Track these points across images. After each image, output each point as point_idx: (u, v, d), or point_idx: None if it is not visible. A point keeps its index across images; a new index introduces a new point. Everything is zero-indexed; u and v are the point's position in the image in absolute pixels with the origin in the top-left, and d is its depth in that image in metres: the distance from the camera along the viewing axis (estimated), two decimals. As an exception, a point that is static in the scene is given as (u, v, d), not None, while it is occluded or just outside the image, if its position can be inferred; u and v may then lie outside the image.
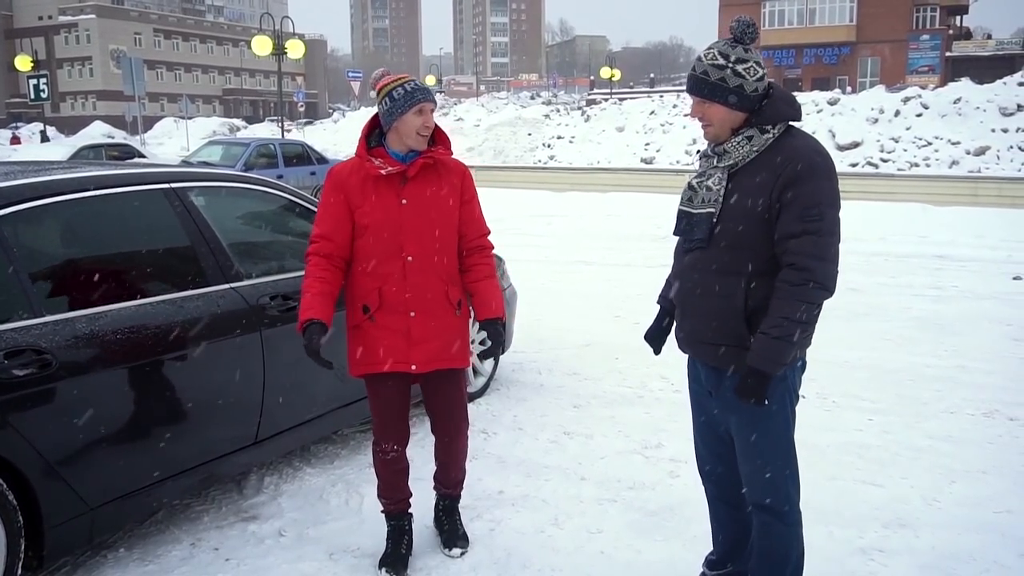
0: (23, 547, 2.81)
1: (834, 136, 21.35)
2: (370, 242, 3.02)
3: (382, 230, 3.00)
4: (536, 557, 3.33)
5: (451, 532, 3.41)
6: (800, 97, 25.50)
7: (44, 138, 35.55)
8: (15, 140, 37.61)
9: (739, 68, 2.43)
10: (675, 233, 2.65)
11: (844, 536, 3.48)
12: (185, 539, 3.49)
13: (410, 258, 3.00)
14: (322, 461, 4.28)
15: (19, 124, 60.68)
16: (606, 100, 33.08)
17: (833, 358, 6.03)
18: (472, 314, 3.24)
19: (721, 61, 2.44)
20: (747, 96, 2.44)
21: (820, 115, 22.27)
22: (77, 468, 2.93)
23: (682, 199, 2.62)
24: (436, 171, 3.07)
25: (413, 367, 3.07)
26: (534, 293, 8.05)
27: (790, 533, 2.63)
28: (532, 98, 64.71)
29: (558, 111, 30.90)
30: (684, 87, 2.68)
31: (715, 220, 2.48)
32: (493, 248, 3.26)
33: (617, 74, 56.12)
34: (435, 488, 3.47)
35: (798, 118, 2.49)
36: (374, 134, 3.12)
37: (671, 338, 2.87)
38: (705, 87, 2.46)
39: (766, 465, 2.57)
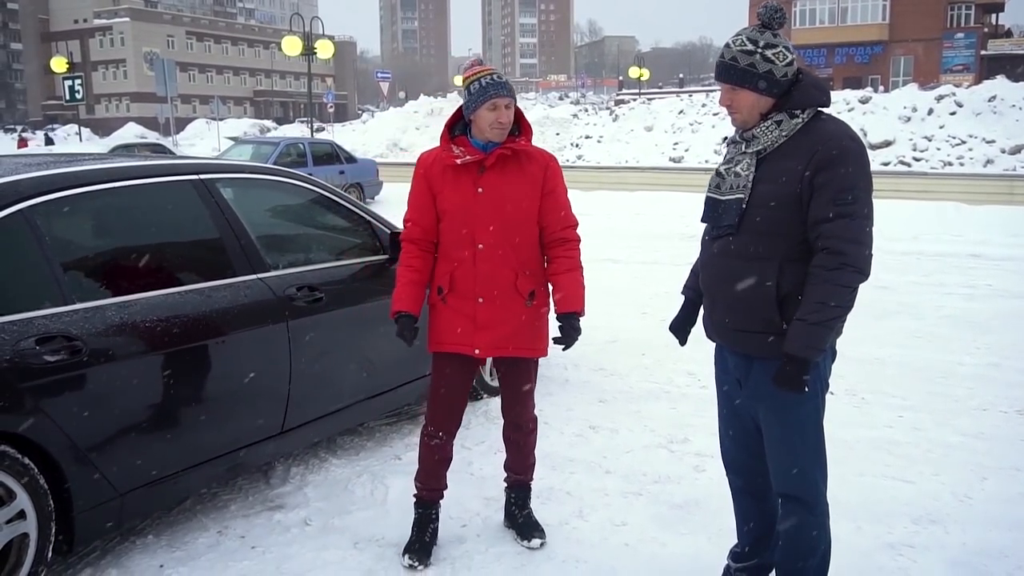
0: (54, 531, 2.86)
1: (866, 135, 21.10)
2: (447, 227, 3.10)
3: (456, 217, 3.07)
4: (560, 549, 3.33)
5: (526, 523, 3.41)
6: (831, 96, 25.35)
7: (77, 139, 36.12)
8: (22, 143, 38.30)
9: (768, 53, 2.41)
10: (703, 220, 2.63)
11: (873, 531, 3.44)
12: (212, 527, 3.52)
13: (480, 246, 3.06)
14: (348, 453, 4.30)
15: (55, 126, 61.69)
16: (634, 100, 32.97)
17: (863, 355, 5.97)
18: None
19: (750, 47, 2.42)
20: (777, 81, 2.42)
21: (851, 114, 22.02)
22: (106, 454, 2.97)
23: (709, 186, 2.60)
24: (517, 161, 3.10)
25: (476, 351, 3.12)
26: (561, 290, 8.04)
27: (817, 524, 2.60)
28: (560, 99, 64.66)
29: (586, 111, 30.82)
30: (713, 87, 2.65)
31: (744, 206, 2.45)
32: (579, 240, 3.25)
33: (646, 74, 55.84)
34: (505, 479, 3.48)
35: (827, 104, 2.46)
36: (459, 123, 3.18)
37: (696, 329, 2.86)
38: (735, 73, 2.44)
39: (795, 455, 2.55)
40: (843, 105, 22.49)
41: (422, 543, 3.29)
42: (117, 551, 3.32)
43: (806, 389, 2.38)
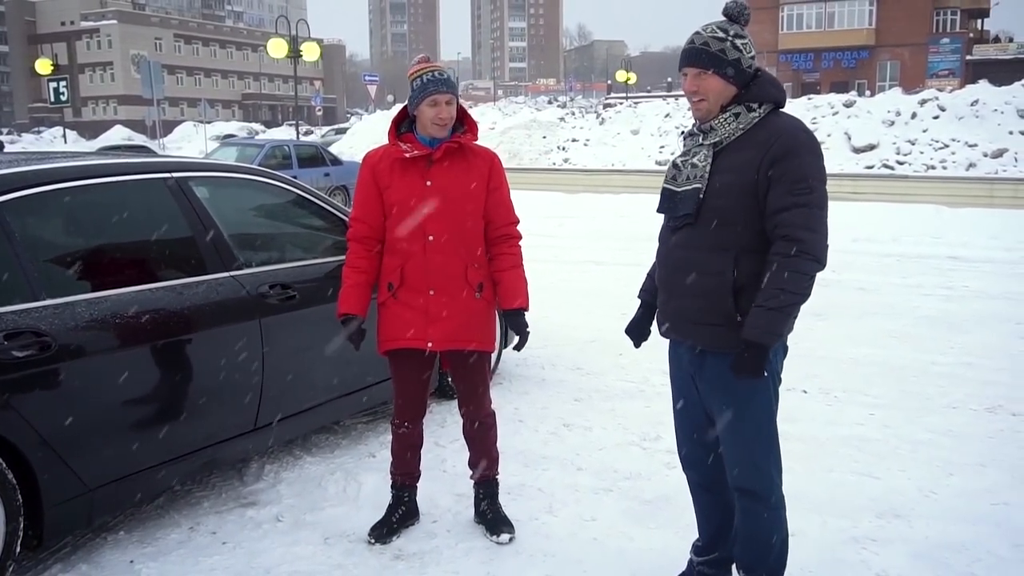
0: (22, 525, 2.87)
1: (850, 139, 21.26)
2: (395, 222, 3.15)
3: (405, 210, 3.12)
4: (528, 543, 3.36)
5: (494, 518, 3.45)
6: (816, 100, 25.39)
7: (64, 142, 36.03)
8: None
9: (738, 42, 2.49)
10: (659, 211, 2.67)
11: (837, 526, 3.49)
12: (184, 523, 3.54)
13: (431, 237, 3.11)
14: (322, 450, 4.32)
15: (41, 128, 61.39)
16: (621, 103, 33.09)
17: (839, 355, 6.04)
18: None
19: (721, 35, 2.49)
20: (743, 71, 2.49)
21: (836, 117, 22.18)
22: (76, 449, 2.99)
23: (666, 177, 2.65)
24: (463, 156, 3.16)
25: (429, 344, 3.17)
26: (543, 292, 8.03)
27: (773, 517, 2.64)
28: (549, 102, 64.77)
29: (573, 114, 30.91)
30: None
31: (701, 196, 2.50)
32: (521, 237, 3.31)
33: (633, 78, 56.06)
34: (471, 476, 3.52)
35: (783, 102, 2.53)
36: (406, 121, 3.23)
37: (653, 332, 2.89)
38: (705, 57, 2.49)
39: (749, 449, 2.59)
40: (828, 109, 22.65)
41: (387, 522, 3.40)
42: (88, 547, 3.33)
43: (765, 374, 2.42)
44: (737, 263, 2.46)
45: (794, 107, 26.00)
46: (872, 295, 8.26)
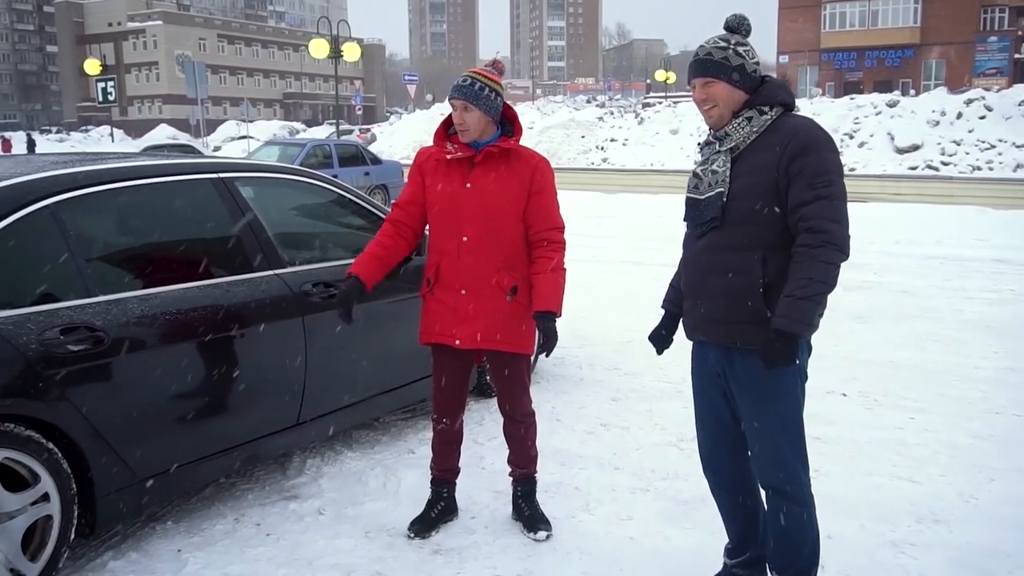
0: (76, 514, 2.97)
1: (893, 139, 20.99)
2: (436, 220, 3.25)
3: (444, 210, 3.21)
4: (565, 541, 3.40)
5: (532, 516, 3.49)
6: (858, 99, 25.12)
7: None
8: (6, 146, 39.37)
9: (740, 50, 2.59)
10: (685, 220, 2.72)
11: (876, 529, 3.48)
12: (229, 514, 3.63)
13: (465, 238, 3.17)
14: (363, 446, 4.40)
15: (88, 127, 62.76)
16: (660, 103, 32.92)
17: (878, 358, 5.99)
18: None
19: (723, 44, 2.59)
20: (748, 75, 2.57)
21: (879, 117, 21.91)
22: (127, 441, 3.08)
23: (688, 187, 2.71)
24: (507, 159, 3.21)
25: (457, 342, 3.24)
26: (580, 292, 8.07)
27: (804, 515, 2.66)
28: (588, 102, 64.65)
29: (612, 114, 30.85)
30: None
31: (724, 199, 2.55)
32: (563, 242, 3.33)
33: (672, 77, 55.75)
34: (510, 474, 3.57)
35: (793, 105, 2.60)
36: None
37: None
38: (709, 65, 2.58)
39: (778, 446, 2.61)
40: (871, 109, 22.38)
41: (426, 518, 3.47)
42: (137, 536, 3.43)
43: (796, 362, 2.45)
44: (764, 261, 2.51)
45: (836, 107, 25.71)
46: (914, 298, 8.16)
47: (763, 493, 2.72)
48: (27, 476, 2.84)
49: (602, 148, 27.67)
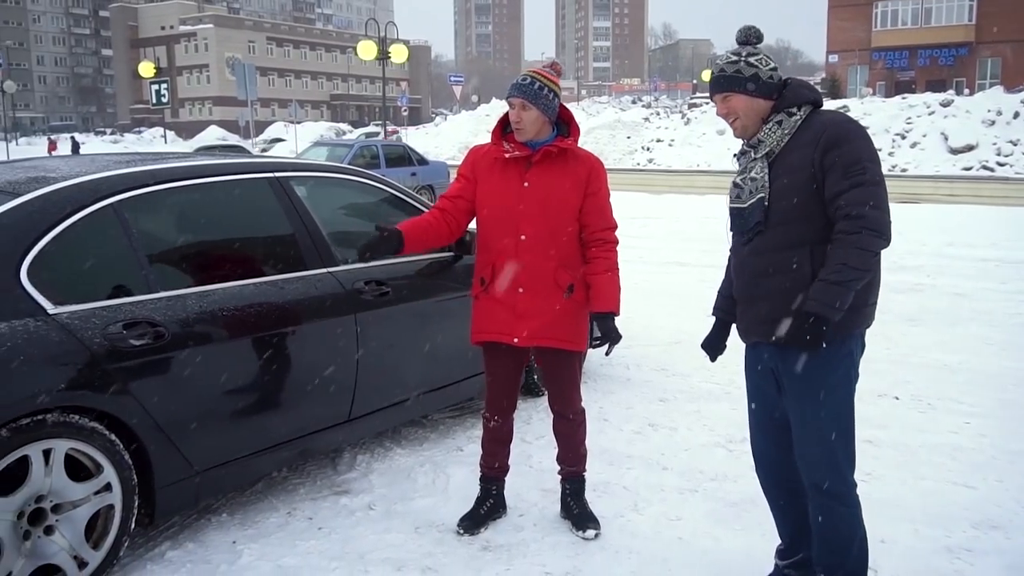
0: (136, 503, 3.05)
1: (946, 139, 20.57)
2: (490, 219, 3.27)
3: (501, 209, 3.23)
4: (614, 540, 3.40)
5: (581, 515, 3.51)
6: (910, 99, 24.68)
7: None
8: (52, 146, 40.43)
9: (751, 59, 2.63)
10: (730, 230, 2.74)
11: (931, 534, 3.42)
12: (282, 508, 3.69)
13: (523, 237, 3.20)
14: (412, 443, 4.44)
15: (141, 129, 64.12)
16: (707, 103, 32.68)
17: (932, 361, 5.89)
18: None
19: (734, 58, 2.65)
20: (764, 83, 2.61)
21: (932, 117, 21.50)
22: (185, 433, 3.16)
23: (729, 198, 2.72)
24: (564, 159, 3.24)
25: (515, 340, 3.27)
26: (626, 292, 7.93)
27: (850, 514, 2.64)
28: (634, 103, 64.35)
29: (658, 114, 30.70)
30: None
31: (767, 203, 2.57)
32: (617, 242, 3.36)
33: (720, 77, 55.15)
34: (559, 472, 3.59)
35: (820, 103, 2.63)
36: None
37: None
38: (723, 81, 2.64)
39: (827, 444, 2.60)
40: (923, 108, 21.96)
41: (476, 515, 3.50)
42: (194, 527, 3.51)
43: (823, 345, 2.45)
44: (812, 256, 2.52)
45: (887, 107, 25.28)
46: (968, 301, 8.00)
47: (809, 493, 2.70)
48: (91, 467, 2.92)
49: (648, 149, 27.52)
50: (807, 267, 2.52)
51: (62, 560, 2.85)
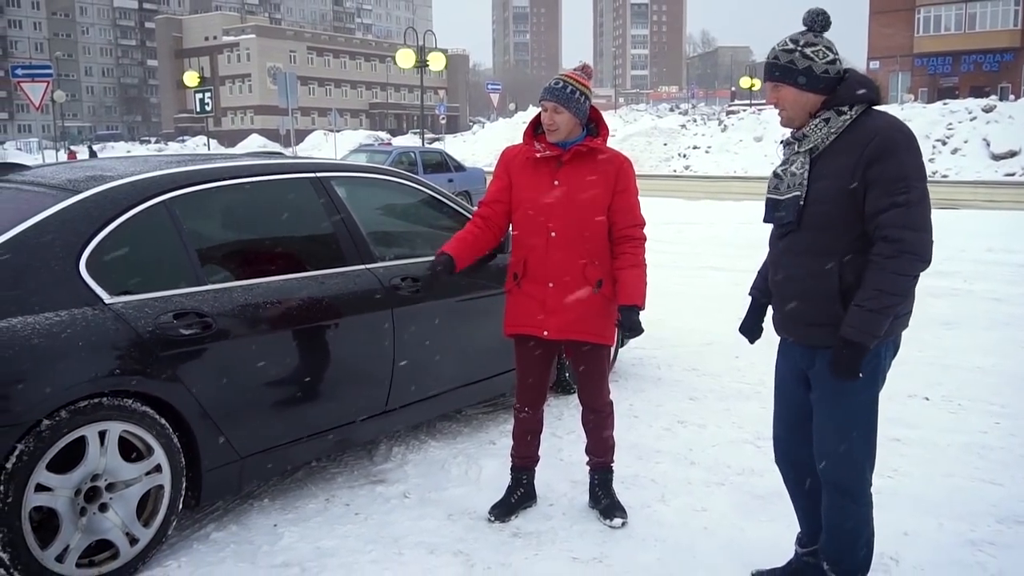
0: (184, 485, 3.22)
1: (988, 145, 20.32)
2: (523, 217, 3.41)
3: (532, 206, 3.37)
4: (640, 528, 3.50)
5: (608, 504, 3.61)
6: (952, 104, 24.37)
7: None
8: (71, 155, 41.43)
9: (807, 51, 2.55)
10: (765, 220, 2.76)
11: (955, 528, 3.47)
12: (320, 495, 3.84)
13: (553, 234, 3.33)
14: (446, 436, 4.57)
15: (185, 137, 65.35)
16: (745, 110, 32.54)
17: (965, 363, 5.89)
18: None
19: (791, 46, 2.57)
20: (816, 77, 2.54)
21: (973, 123, 21.23)
22: (230, 420, 3.32)
23: (768, 188, 2.72)
24: (593, 159, 3.36)
25: (545, 333, 3.39)
26: (661, 296, 8.08)
27: (861, 513, 2.69)
28: (671, 110, 64.16)
29: (695, 121, 30.64)
30: None
31: (802, 203, 2.56)
32: (644, 239, 3.45)
33: (757, 84, 54.83)
34: (588, 463, 3.70)
35: (877, 101, 2.55)
36: None
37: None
38: (776, 70, 2.59)
39: (848, 444, 2.64)
40: (965, 114, 21.71)
41: (507, 503, 3.62)
42: (237, 511, 3.67)
43: (860, 375, 2.48)
44: (842, 266, 2.51)
45: (928, 112, 25.00)
46: (1005, 305, 7.94)
47: (824, 487, 2.75)
48: (142, 449, 3.09)
49: (684, 155, 27.49)
50: (835, 277, 2.51)
51: (115, 536, 3.01)
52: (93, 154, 43.28)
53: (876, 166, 2.43)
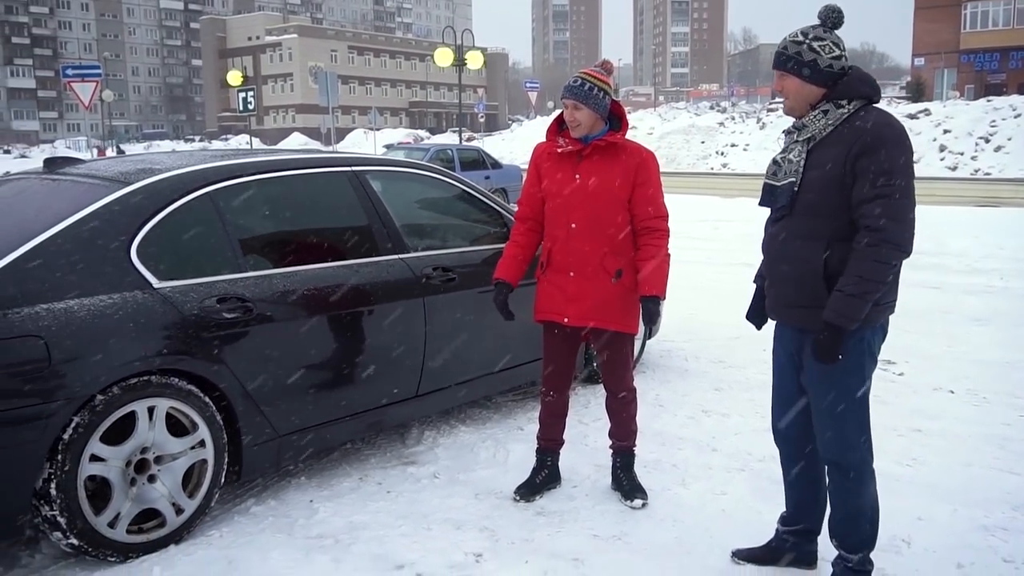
0: (226, 460, 3.41)
1: (1034, 142, 19.98)
2: (549, 209, 3.58)
3: (555, 199, 3.54)
4: (660, 510, 3.62)
5: (630, 486, 3.75)
6: (996, 102, 23.99)
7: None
8: (101, 153, 42.17)
9: (815, 44, 2.68)
10: (760, 204, 2.89)
11: (969, 514, 3.55)
12: (354, 474, 4.02)
13: (573, 225, 3.48)
14: (475, 422, 4.74)
15: (228, 136, 66.37)
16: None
17: (993, 359, 5.92)
18: None
19: (800, 38, 2.71)
20: (820, 71, 2.67)
21: (1018, 120, 20.92)
22: (270, 400, 3.51)
23: (767, 173, 2.86)
24: (615, 152, 3.50)
25: (565, 319, 3.55)
26: (692, 291, 8.25)
27: (863, 490, 2.79)
28: (711, 108, 63.72)
29: (733, 119, 30.48)
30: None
31: (796, 189, 2.71)
32: (666, 230, 3.56)
33: (800, 82, 54.24)
34: (611, 446, 3.84)
35: (876, 98, 2.69)
36: None
37: None
38: (782, 60, 2.73)
39: (840, 423, 2.75)
40: (1009, 111, 21.39)
41: (531, 483, 3.77)
42: (275, 487, 3.87)
43: (839, 358, 2.61)
44: (828, 251, 2.65)
45: (970, 110, 24.62)
46: (1040, 303, 7.91)
47: (826, 468, 2.87)
48: (187, 425, 3.29)
49: (722, 153, 27.40)
50: (820, 261, 2.65)
51: (162, 505, 3.22)
52: (121, 153, 44.14)
53: (864, 158, 2.56)
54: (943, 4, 46.10)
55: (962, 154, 24.63)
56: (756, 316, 3.12)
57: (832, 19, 2.71)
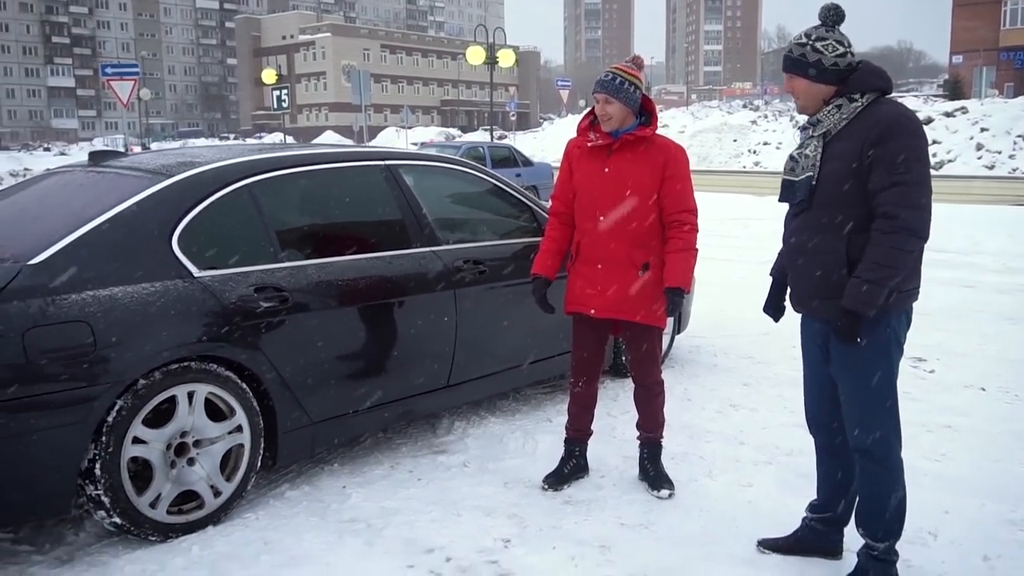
0: (262, 446, 3.51)
1: (1073, 141, 19.64)
2: (579, 202, 3.65)
3: (585, 193, 3.61)
4: (686, 500, 3.67)
5: (656, 476, 3.79)
6: (1035, 100, 23.52)
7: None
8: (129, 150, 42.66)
9: (817, 45, 2.75)
10: (780, 200, 2.94)
11: (995, 509, 3.55)
12: (386, 462, 4.11)
13: (602, 218, 3.54)
14: (505, 413, 4.80)
15: (262, 134, 67.05)
16: (819, 106, 32.03)
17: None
18: None
19: (803, 40, 2.78)
20: (826, 70, 2.74)
21: (1057, 119, 20.54)
22: (304, 388, 3.60)
23: (785, 169, 2.92)
24: (644, 147, 3.55)
25: (592, 311, 3.61)
26: (721, 288, 8.25)
27: (890, 478, 2.82)
28: (744, 106, 63.28)
29: (765, 117, 30.27)
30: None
31: (814, 183, 2.76)
32: (693, 224, 3.60)
33: (834, 80, 53.69)
34: (638, 437, 3.89)
35: (888, 90, 2.74)
36: None
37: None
38: (788, 62, 2.81)
39: (868, 412, 2.79)
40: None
41: (559, 473, 3.82)
42: (309, 473, 3.96)
43: (860, 341, 2.65)
44: (849, 242, 2.70)
45: (1009, 108, 24.28)
46: (1077, 302, 7.82)
47: (856, 455, 2.90)
48: (225, 410, 3.39)
49: (754, 152, 27.24)
50: (842, 252, 2.70)
51: (201, 488, 3.32)
52: (146, 150, 44.75)
53: (880, 147, 2.61)
54: (982, 1, 45.38)
55: (1000, 152, 24.29)
56: (773, 308, 3.19)
57: (832, 17, 2.78)
